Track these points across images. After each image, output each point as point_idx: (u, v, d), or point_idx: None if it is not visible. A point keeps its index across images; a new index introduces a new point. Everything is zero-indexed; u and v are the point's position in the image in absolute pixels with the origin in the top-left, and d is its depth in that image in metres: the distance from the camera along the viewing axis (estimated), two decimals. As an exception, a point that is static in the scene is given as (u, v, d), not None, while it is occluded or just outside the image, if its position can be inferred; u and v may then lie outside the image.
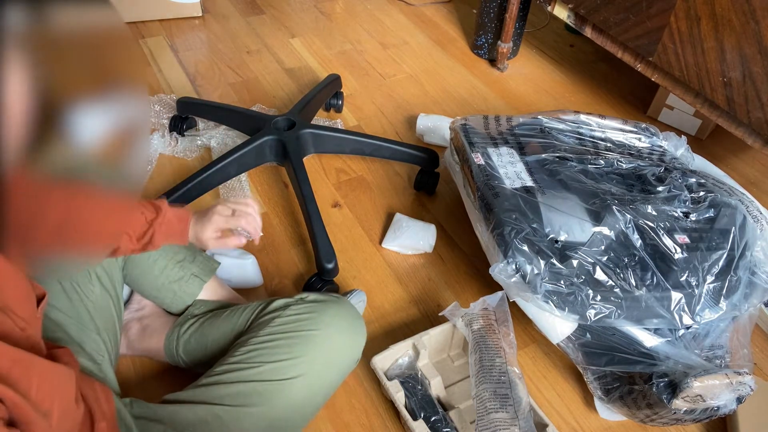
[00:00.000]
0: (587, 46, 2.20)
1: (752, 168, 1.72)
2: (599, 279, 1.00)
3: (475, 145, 1.22)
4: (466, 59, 2.07)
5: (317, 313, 0.89)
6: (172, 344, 1.01)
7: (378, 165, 1.59)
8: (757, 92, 1.25)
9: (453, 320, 1.08)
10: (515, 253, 0.99)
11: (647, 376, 0.95)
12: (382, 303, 1.25)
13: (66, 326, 0.84)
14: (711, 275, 1.03)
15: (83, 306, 0.87)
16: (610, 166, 1.20)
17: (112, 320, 0.92)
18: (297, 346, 0.86)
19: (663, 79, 1.50)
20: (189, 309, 1.04)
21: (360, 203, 1.48)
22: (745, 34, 1.23)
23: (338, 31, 2.17)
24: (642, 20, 1.45)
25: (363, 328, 0.94)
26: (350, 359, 0.92)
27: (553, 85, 1.99)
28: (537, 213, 1.05)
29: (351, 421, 1.05)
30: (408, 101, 1.84)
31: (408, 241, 1.34)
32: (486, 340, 1.00)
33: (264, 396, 0.81)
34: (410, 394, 1.02)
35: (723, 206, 1.11)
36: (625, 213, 1.05)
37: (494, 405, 0.93)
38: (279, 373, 0.83)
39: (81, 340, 0.85)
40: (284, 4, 2.30)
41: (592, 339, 1.01)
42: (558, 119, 1.33)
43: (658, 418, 0.98)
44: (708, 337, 1.04)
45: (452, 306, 1.07)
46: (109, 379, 0.87)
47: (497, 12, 1.91)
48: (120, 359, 1.07)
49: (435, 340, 1.10)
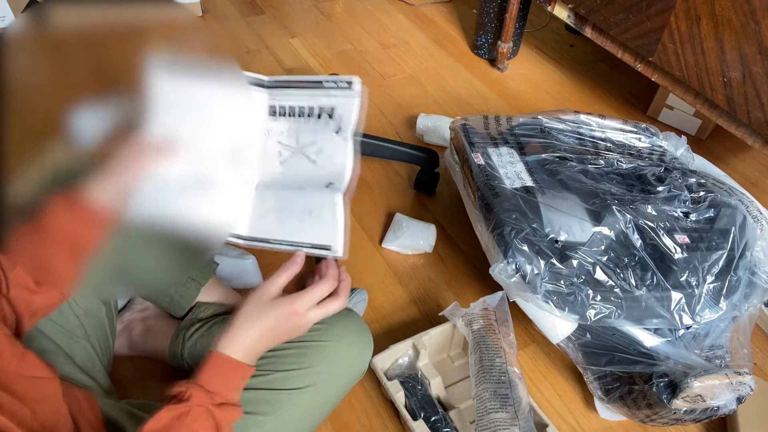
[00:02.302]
0: (587, 46, 2.20)
1: (752, 168, 1.72)
2: (599, 279, 1.00)
3: (475, 145, 1.22)
4: (466, 59, 2.07)
5: (328, 325, 0.88)
6: (177, 348, 1.01)
7: (378, 165, 1.59)
8: (757, 92, 1.25)
9: (453, 320, 1.08)
10: (515, 253, 0.99)
11: (647, 376, 0.95)
12: (382, 303, 1.25)
13: (54, 336, 0.83)
14: (711, 275, 1.03)
15: (72, 313, 0.86)
16: (610, 166, 1.20)
17: (103, 326, 0.92)
18: (307, 356, 0.85)
19: (663, 79, 1.50)
20: (194, 312, 1.04)
21: (360, 203, 1.48)
22: (745, 34, 1.22)
23: (338, 31, 2.17)
24: (642, 20, 1.45)
25: (371, 341, 0.94)
26: (358, 371, 0.92)
27: (553, 85, 1.99)
28: (537, 213, 1.05)
29: (351, 421, 1.05)
30: (408, 101, 1.84)
31: (408, 241, 1.34)
32: (486, 340, 1.00)
33: (273, 405, 0.81)
34: (410, 394, 1.02)
35: (723, 206, 1.11)
36: (625, 213, 1.05)
37: (494, 405, 0.93)
38: (288, 382, 0.83)
39: (70, 350, 0.84)
40: (284, 4, 2.30)
41: (592, 339, 1.01)
42: (558, 119, 1.33)
43: (658, 418, 0.98)
44: (708, 337, 1.04)
45: (452, 306, 1.07)
46: (101, 384, 0.87)
47: (497, 12, 1.91)
48: (120, 359, 1.07)
49: (435, 340, 1.10)
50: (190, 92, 0.67)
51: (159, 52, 0.66)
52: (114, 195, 0.67)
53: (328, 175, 0.72)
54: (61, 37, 0.65)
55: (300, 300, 0.69)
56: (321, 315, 0.71)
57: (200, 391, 0.63)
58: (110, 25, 0.67)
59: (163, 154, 0.67)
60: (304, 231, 0.74)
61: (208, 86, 0.68)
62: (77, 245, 0.67)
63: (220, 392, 0.64)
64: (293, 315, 0.69)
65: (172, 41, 0.69)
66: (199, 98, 0.68)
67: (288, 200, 0.75)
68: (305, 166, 0.74)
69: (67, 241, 0.66)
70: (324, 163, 0.73)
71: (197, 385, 0.64)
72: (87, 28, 0.66)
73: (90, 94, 0.67)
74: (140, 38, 0.69)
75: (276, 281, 0.71)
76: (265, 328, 0.68)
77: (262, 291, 0.70)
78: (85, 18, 0.66)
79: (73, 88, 0.67)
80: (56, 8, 0.63)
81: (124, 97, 0.68)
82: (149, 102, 0.66)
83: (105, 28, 0.67)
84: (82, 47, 0.67)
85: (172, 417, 0.61)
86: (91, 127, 0.68)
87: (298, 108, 0.73)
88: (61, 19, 0.64)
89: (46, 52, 0.65)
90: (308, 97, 0.72)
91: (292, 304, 0.69)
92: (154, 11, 0.70)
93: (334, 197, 0.71)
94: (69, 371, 0.83)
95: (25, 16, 0.63)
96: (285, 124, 0.74)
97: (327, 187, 0.72)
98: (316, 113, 0.72)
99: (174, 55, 0.67)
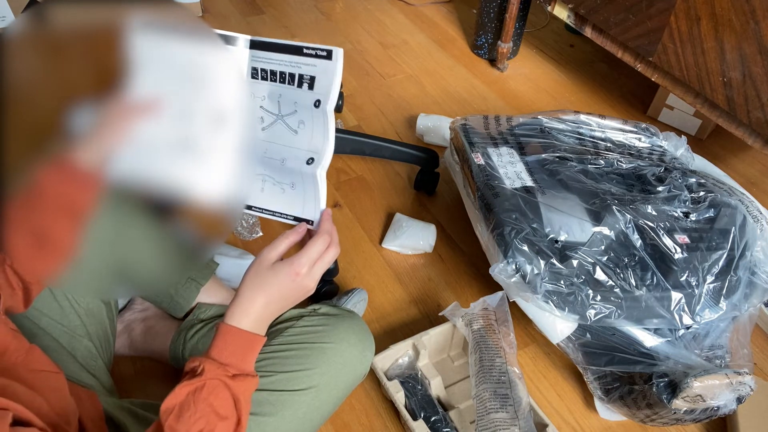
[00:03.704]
0: (587, 46, 2.20)
1: (752, 168, 1.72)
2: (599, 279, 1.00)
3: (475, 145, 1.22)
4: (466, 59, 2.07)
5: (331, 326, 0.89)
6: (178, 348, 1.01)
7: (378, 165, 1.59)
8: (757, 92, 1.25)
9: (453, 320, 1.08)
10: (515, 253, 0.99)
11: (647, 376, 0.95)
12: (382, 303, 1.25)
13: (56, 334, 0.84)
14: (711, 275, 1.03)
15: (73, 312, 0.87)
16: (610, 166, 1.20)
17: (104, 325, 0.92)
18: (310, 358, 0.85)
19: (663, 79, 1.50)
20: (195, 313, 1.04)
21: (360, 203, 1.48)
22: (745, 34, 1.23)
23: (338, 31, 2.17)
24: (642, 20, 1.45)
25: (372, 343, 0.94)
26: (359, 373, 0.92)
27: (553, 85, 1.99)
28: (537, 213, 1.05)
29: (351, 421, 1.05)
30: (408, 101, 1.84)
31: (408, 241, 1.34)
32: (486, 340, 1.00)
33: (275, 406, 0.81)
34: (410, 394, 1.02)
35: (723, 206, 1.11)
36: (625, 213, 1.05)
37: (494, 405, 0.93)
38: (291, 383, 0.83)
39: (72, 348, 0.85)
40: (284, 4, 2.30)
41: (592, 339, 1.01)
42: (558, 119, 1.33)
43: (658, 418, 0.98)
44: (708, 337, 1.04)
45: (452, 306, 1.07)
46: (103, 382, 0.87)
47: (497, 12, 1.91)
48: (121, 359, 1.07)
49: (435, 340, 1.10)
50: (172, 52, 0.67)
51: (140, 15, 0.66)
52: (99, 155, 0.66)
53: (308, 149, 0.73)
54: (61, 37, 0.65)
55: (299, 260, 0.68)
56: (322, 269, 0.71)
57: (213, 364, 0.63)
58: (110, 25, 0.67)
59: (146, 114, 0.66)
60: (285, 202, 0.75)
61: (190, 47, 0.68)
62: (72, 208, 0.67)
63: (233, 364, 0.65)
64: (296, 276, 0.68)
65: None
66: (182, 59, 0.68)
67: (271, 170, 0.76)
68: (287, 136, 0.75)
69: (61, 205, 0.65)
70: (305, 135, 0.74)
71: (209, 359, 0.64)
72: (87, 28, 0.66)
73: (90, 94, 0.67)
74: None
75: (276, 247, 0.70)
76: (270, 295, 0.68)
77: (262, 258, 0.70)
78: (85, 18, 0.66)
79: (73, 88, 0.68)
80: (56, 8, 0.63)
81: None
82: (131, 62, 0.66)
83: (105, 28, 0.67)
84: (82, 47, 0.67)
85: (187, 392, 0.62)
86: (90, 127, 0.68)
87: (279, 73, 0.73)
88: (61, 19, 0.64)
89: (46, 52, 0.66)
90: (290, 65, 0.73)
91: (293, 265, 0.68)
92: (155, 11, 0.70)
93: (316, 173, 0.72)
94: (71, 369, 0.83)
95: (24, 16, 0.63)
96: (267, 87, 0.75)
97: (309, 163, 0.72)
98: (296, 81, 0.73)
99: (155, 17, 0.67)
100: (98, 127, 0.66)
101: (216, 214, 0.70)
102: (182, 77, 0.69)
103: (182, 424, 0.60)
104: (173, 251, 0.94)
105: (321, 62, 0.71)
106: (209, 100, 0.69)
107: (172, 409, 0.61)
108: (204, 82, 0.69)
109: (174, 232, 0.72)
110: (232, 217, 0.76)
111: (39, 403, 0.59)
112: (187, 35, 0.67)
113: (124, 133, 0.67)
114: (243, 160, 0.69)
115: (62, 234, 0.68)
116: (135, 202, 0.72)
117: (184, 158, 0.69)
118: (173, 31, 0.67)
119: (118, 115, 0.66)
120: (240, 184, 0.71)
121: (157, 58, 0.67)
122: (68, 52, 0.67)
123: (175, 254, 0.95)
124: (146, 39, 0.66)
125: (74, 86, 0.68)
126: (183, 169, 0.69)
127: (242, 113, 0.69)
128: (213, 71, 0.69)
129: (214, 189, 0.70)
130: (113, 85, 0.66)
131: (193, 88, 0.69)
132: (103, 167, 0.67)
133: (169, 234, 0.72)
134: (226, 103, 0.69)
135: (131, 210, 0.76)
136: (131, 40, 0.66)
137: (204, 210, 0.69)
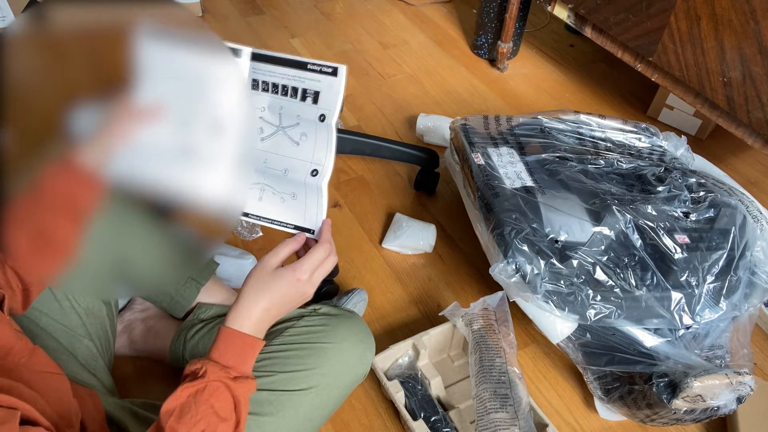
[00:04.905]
0: (587, 46, 2.20)
1: (752, 168, 1.72)
2: (599, 279, 1.00)
3: (475, 145, 1.22)
4: (466, 59, 2.07)
5: (331, 327, 0.89)
6: (178, 348, 1.01)
7: (378, 165, 1.59)
8: (757, 92, 1.25)
9: (453, 320, 1.08)
10: (515, 253, 0.99)
11: (647, 376, 0.95)
12: (382, 303, 1.25)
13: (56, 334, 0.84)
14: (711, 275, 1.03)
15: (74, 311, 0.87)
16: (610, 166, 1.20)
17: (104, 325, 0.92)
18: (310, 358, 0.85)
19: (663, 79, 1.50)
20: (195, 313, 1.04)
21: (360, 203, 1.48)
22: (745, 34, 1.23)
23: (338, 31, 2.17)
24: (642, 20, 1.45)
25: (373, 343, 0.94)
26: (360, 374, 0.92)
27: (553, 85, 1.99)
28: (537, 213, 1.05)
29: (351, 421, 1.05)
30: (408, 101, 1.84)
31: (408, 241, 1.34)
32: (486, 340, 1.00)
33: (275, 406, 0.81)
34: (410, 394, 1.02)
35: (723, 206, 1.11)
36: (625, 213, 1.05)
37: (494, 405, 0.93)
38: (291, 383, 0.83)
39: (73, 348, 0.85)
40: (284, 4, 2.30)
41: (592, 339, 1.01)
42: (558, 119, 1.33)
43: (658, 418, 0.98)
44: (708, 337, 1.04)
45: (452, 306, 1.07)
46: (104, 382, 0.87)
47: (497, 12, 1.91)
48: (121, 359, 1.07)
49: (435, 340, 1.10)
50: (178, 59, 0.68)
51: (147, 21, 0.67)
52: (101, 156, 0.67)
53: (312, 161, 0.75)
54: (61, 37, 0.66)
55: (302, 267, 0.71)
56: (321, 275, 0.73)
57: (215, 367, 0.64)
58: (110, 25, 0.67)
59: (149, 119, 0.67)
60: (285, 211, 0.77)
61: (195, 55, 0.68)
62: (73, 209, 0.67)
63: (234, 366, 0.66)
64: (298, 282, 0.71)
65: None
66: (187, 66, 0.68)
67: (271, 179, 0.77)
68: (289, 147, 0.76)
69: (62, 205, 0.66)
70: (308, 147, 0.75)
71: (212, 361, 0.65)
72: (87, 28, 0.66)
73: (90, 93, 0.67)
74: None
75: (278, 254, 0.73)
76: (271, 300, 0.70)
77: (264, 263, 0.72)
78: (86, 18, 0.66)
79: (73, 89, 0.68)
80: (56, 8, 0.63)
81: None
82: (135, 66, 0.66)
83: (105, 28, 0.67)
84: (83, 48, 0.67)
85: (189, 394, 0.62)
86: (90, 127, 0.68)
87: (281, 86, 0.74)
88: (61, 19, 0.64)
89: (46, 52, 0.66)
90: (293, 79, 0.73)
91: (295, 271, 0.71)
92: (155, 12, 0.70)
93: (321, 185, 0.74)
94: (72, 369, 0.83)
95: (24, 16, 0.63)
96: (267, 98, 0.75)
97: (313, 175, 0.74)
98: (299, 94, 0.73)
99: (162, 24, 0.67)
100: (101, 128, 0.67)
101: (214, 218, 0.71)
102: (186, 85, 0.69)
103: (183, 425, 0.60)
104: (173, 252, 0.94)
105: (326, 78, 0.72)
106: (210, 109, 0.70)
107: (173, 411, 0.61)
108: (207, 90, 0.70)
109: (174, 233, 0.72)
110: (229, 222, 0.78)
111: (42, 405, 0.59)
112: (192, 42, 0.68)
113: (127, 136, 0.67)
114: (240, 168, 0.71)
115: (63, 234, 0.68)
116: (135, 204, 0.73)
117: (182, 164, 0.70)
118: (179, 37, 0.67)
119: (122, 118, 0.67)
120: (236, 191, 0.72)
121: (163, 65, 0.67)
122: (68, 53, 0.67)
123: (175, 255, 0.95)
124: (152, 44, 0.67)
125: (75, 87, 0.68)
126: (180, 173, 0.70)
127: (242, 123, 0.70)
128: (216, 80, 0.69)
129: (211, 194, 0.71)
130: (116, 87, 0.66)
131: (195, 96, 0.70)
132: (105, 168, 0.67)
133: (168, 235, 0.73)
134: (227, 112, 0.70)
135: (131, 211, 0.76)
136: (137, 44, 0.66)
137: (201, 214, 0.70)
